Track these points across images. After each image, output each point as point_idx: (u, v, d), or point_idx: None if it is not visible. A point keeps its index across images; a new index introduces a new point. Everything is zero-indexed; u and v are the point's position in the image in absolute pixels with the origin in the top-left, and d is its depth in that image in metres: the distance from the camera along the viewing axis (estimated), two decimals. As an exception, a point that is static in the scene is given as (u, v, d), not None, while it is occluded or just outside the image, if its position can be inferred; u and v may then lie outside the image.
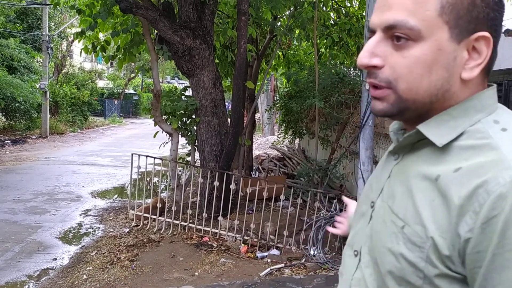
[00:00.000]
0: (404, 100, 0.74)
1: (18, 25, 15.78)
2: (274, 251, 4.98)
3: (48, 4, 16.30)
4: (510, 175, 0.64)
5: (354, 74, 6.79)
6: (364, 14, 8.54)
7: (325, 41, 7.74)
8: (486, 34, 0.72)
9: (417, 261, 0.70)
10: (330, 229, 1.42)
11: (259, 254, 4.92)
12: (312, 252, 4.70)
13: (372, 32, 0.76)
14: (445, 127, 0.74)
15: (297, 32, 7.58)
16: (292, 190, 5.21)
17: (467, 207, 0.65)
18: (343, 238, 4.92)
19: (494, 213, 0.63)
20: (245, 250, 4.98)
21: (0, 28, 14.13)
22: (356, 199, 4.68)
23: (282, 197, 5.13)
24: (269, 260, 4.76)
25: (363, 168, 4.50)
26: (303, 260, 4.68)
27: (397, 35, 0.72)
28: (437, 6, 0.71)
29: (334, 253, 4.84)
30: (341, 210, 4.82)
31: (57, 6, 8.19)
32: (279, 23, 8.57)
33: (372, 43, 0.75)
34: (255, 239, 5.15)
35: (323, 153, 7.41)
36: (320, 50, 8.59)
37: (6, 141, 14.46)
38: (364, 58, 0.75)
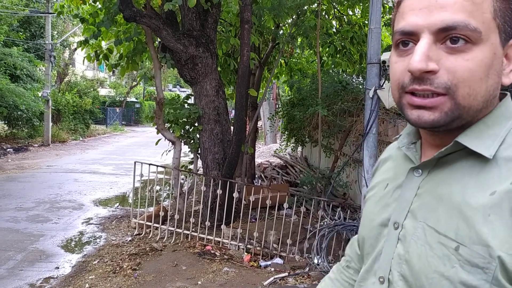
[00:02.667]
0: (461, 107, 0.69)
1: (21, 33, 15.88)
2: (278, 260, 4.94)
3: (51, 13, 16.40)
4: None
5: (357, 82, 6.79)
6: (366, 22, 8.57)
7: (327, 49, 7.76)
8: None
9: (480, 284, 0.64)
10: None
11: (262, 263, 4.89)
12: (315, 261, 4.66)
13: (410, 34, 0.71)
14: (486, 137, 0.71)
15: (299, 40, 7.60)
16: (295, 198, 5.19)
17: None
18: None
19: None
20: (248, 259, 4.95)
21: (3, 37, 14.20)
22: (359, 207, 4.64)
23: (285, 205, 5.10)
24: (272, 269, 4.72)
25: (367, 176, 4.48)
26: (307, 269, 4.64)
27: (455, 37, 0.67)
28: (491, 9, 0.68)
29: (338, 262, 4.79)
30: (345, 219, 4.79)
31: (60, 15, 8.22)
32: (281, 31, 8.60)
33: (426, 46, 0.68)
34: (258, 248, 5.11)
35: (326, 161, 7.39)
36: (323, 58, 8.60)
37: (8, 149, 14.47)
38: (421, 62, 0.67)
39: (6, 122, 16.88)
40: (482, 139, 0.71)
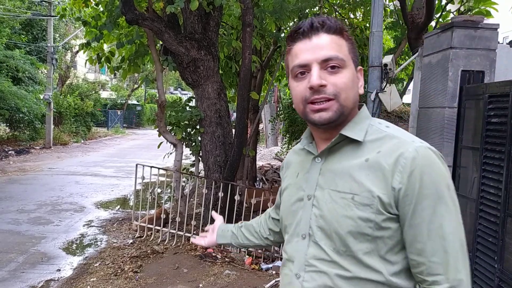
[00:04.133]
0: (343, 106, 1.09)
1: (23, 36, 15.93)
2: (279, 263, 4.94)
3: (53, 16, 16.46)
4: (413, 147, 1.04)
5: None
6: (367, 25, 8.59)
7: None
8: (360, 67, 1.16)
9: (370, 216, 1.04)
10: (195, 240, 1.69)
11: (264, 266, 4.89)
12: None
13: (304, 66, 1.10)
14: (357, 130, 1.13)
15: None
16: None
17: (395, 169, 1.04)
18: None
19: (412, 168, 1.02)
20: (250, 261, 4.95)
21: (6, 40, 14.24)
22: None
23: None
24: (274, 272, 4.72)
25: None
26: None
27: (332, 65, 1.08)
28: (347, 48, 1.12)
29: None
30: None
31: (62, 18, 8.25)
32: (282, 35, 8.62)
33: (317, 71, 1.08)
34: (259, 251, 5.11)
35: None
36: (324, 61, 8.60)
37: (10, 152, 14.49)
38: (318, 79, 1.07)
39: (8, 124, 16.92)
40: (355, 131, 1.12)
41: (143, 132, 28.20)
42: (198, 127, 6.17)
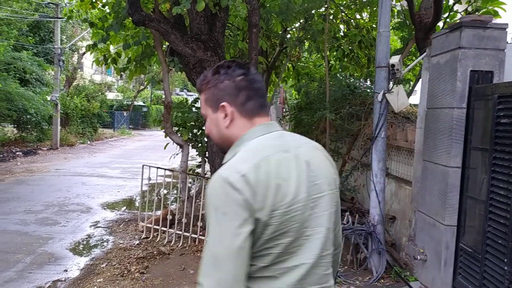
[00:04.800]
0: (215, 142, 1.43)
1: (30, 38, 16.02)
2: (286, 264, 4.92)
3: (60, 18, 16.56)
4: (216, 175, 1.22)
5: (365, 85, 6.77)
6: (374, 25, 8.56)
7: (335, 53, 7.75)
8: (223, 103, 1.33)
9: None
10: None
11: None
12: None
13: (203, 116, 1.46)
14: (230, 153, 1.33)
15: (307, 44, 7.60)
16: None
17: None
18: (355, 252, 4.85)
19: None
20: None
21: (13, 41, 14.34)
22: (368, 212, 4.60)
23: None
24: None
25: (375, 180, 4.46)
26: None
27: (205, 118, 1.43)
28: (204, 100, 1.40)
29: (346, 267, 4.76)
30: (353, 223, 4.76)
31: (69, 20, 8.30)
32: (288, 36, 8.61)
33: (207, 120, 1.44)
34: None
35: (333, 165, 7.35)
36: (330, 62, 8.59)
37: (17, 153, 14.58)
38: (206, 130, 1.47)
39: (15, 125, 17.03)
40: (229, 154, 1.33)
41: (149, 133, 28.27)
42: (204, 128, 6.17)
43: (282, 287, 1.21)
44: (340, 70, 8.04)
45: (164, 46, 6.43)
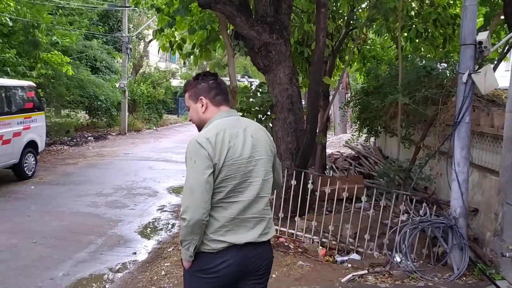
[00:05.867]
0: (195, 124, 2.15)
1: (100, 27, 16.64)
2: (355, 256, 4.69)
3: (127, 7, 17.05)
4: (192, 138, 1.97)
5: (443, 67, 6.26)
6: (451, 2, 7.92)
7: (408, 33, 7.24)
8: (201, 97, 2.07)
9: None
10: None
11: (338, 258, 4.66)
12: (397, 259, 4.35)
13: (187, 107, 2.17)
14: (203, 129, 2.07)
15: (378, 23, 7.14)
16: (374, 191, 4.87)
17: None
18: (432, 245, 4.52)
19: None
20: (324, 253, 4.74)
21: (85, 30, 14.96)
22: (446, 203, 4.23)
23: (363, 198, 4.82)
24: (349, 265, 4.49)
25: (457, 169, 4.09)
26: (388, 267, 4.35)
27: (189, 109, 2.14)
28: (187, 96, 2.13)
29: (421, 261, 4.45)
30: (430, 215, 4.42)
31: (136, 8, 8.44)
32: (354, 17, 8.17)
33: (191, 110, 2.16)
34: (333, 242, 4.89)
35: (404, 153, 6.93)
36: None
37: (89, 138, 15.33)
38: (188, 117, 2.20)
39: (87, 111, 17.91)
40: (203, 129, 2.07)
41: (211, 119, 28.70)
42: (269, 113, 6.02)
43: (231, 215, 1.94)
44: (414, 51, 7.52)
45: (229, 30, 6.32)
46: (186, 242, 1.91)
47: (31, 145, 8.76)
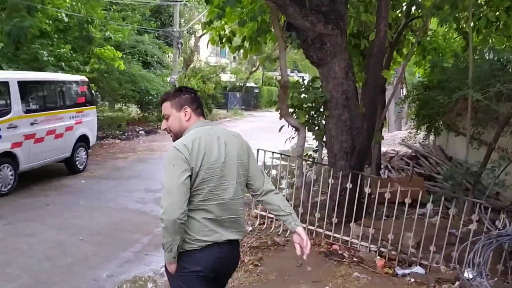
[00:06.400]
0: (174, 133, 2.32)
1: (152, 22, 16.80)
2: (418, 269, 4.23)
3: (179, 1, 17.11)
4: (172, 145, 2.17)
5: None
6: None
7: (477, 22, 6.58)
8: (186, 107, 2.28)
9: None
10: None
11: (399, 271, 4.23)
12: (467, 275, 3.86)
13: (166, 116, 2.33)
14: (182, 136, 2.25)
15: (444, 11, 6.52)
16: (443, 197, 4.37)
17: None
18: (510, 259, 3.98)
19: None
20: (382, 264, 4.32)
21: (137, 26, 15.13)
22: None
23: (429, 205, 4.33)
24: (412, 280, 4.05)
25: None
26: (457, 284, 3.87)
27: (167, 117, 2.32)
28: (169, 105, 2.30)
29: (496, 278, 3.93)
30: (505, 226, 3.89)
31: (187, 3, 8.29)
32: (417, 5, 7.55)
33: (164, 122, 2.35)
34: (393, 252, 4.45)
35: (472, 154, 6.31)
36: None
37: (140, 132, 15.52)
38: (163, 126, 2.36)
39: (138, 106, 18.20)
40: (182, 136, 2.24)
41: (260, 114, 28.46)
42: (322, 109, 5.64)
43: (212, 216, 2.13)
44: (485, 42, 6.85)
45: (280, 21, 5.97)
46: (168, 243, 2.06)
47: (83, 139, 8.85)
